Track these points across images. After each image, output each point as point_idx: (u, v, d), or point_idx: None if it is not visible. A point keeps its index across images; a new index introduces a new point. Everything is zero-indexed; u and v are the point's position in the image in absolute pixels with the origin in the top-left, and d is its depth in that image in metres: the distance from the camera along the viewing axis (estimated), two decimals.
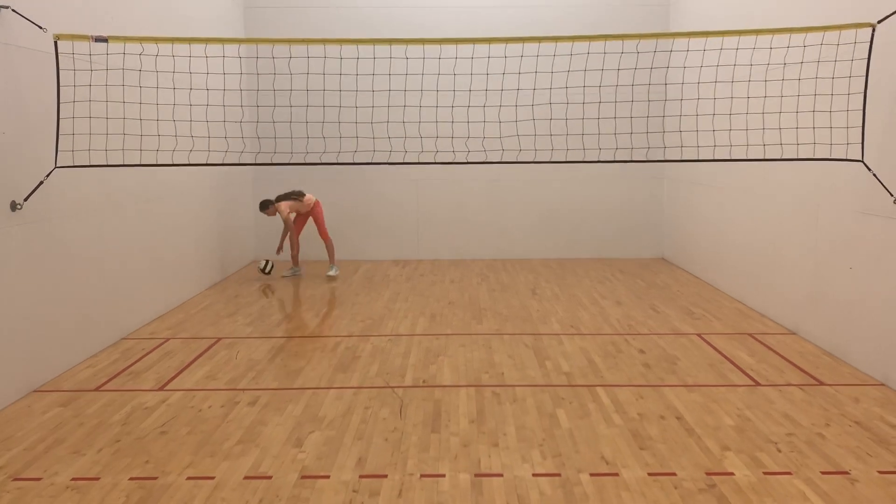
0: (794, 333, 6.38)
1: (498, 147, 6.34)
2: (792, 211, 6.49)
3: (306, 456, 4.05)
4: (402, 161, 5.95)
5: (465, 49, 6.19)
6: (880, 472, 3.80)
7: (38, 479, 3.81)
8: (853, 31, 5.19)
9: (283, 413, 4.67)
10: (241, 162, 6.89)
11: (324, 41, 5.42)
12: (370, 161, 6.11)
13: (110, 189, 6.20)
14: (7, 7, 4.80)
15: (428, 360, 5.77)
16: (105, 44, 5.18)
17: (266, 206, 9.02)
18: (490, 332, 6.57)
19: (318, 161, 5.95)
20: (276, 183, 10.25)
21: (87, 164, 5.38)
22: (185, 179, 7.73)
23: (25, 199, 4.98)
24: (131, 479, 3.81)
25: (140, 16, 6.78)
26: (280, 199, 9.06)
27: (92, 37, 5.07)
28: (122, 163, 5.60)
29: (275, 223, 9.69)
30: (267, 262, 9.22)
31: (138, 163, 5.70)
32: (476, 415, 4.61)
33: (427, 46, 5.61)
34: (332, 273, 9.22)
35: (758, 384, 5.13)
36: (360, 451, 4.10)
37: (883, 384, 5.09)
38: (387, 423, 4.49)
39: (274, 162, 6.00)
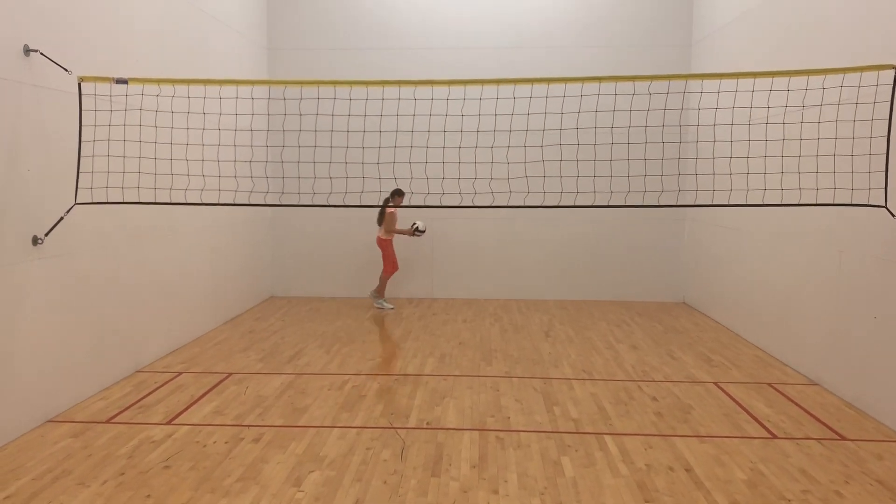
0: (815, 384, 6.20)
1: (507, 189, 6.33)
2: (814, 256, 6.35)
3: (304, 496, 4.01)
4: (407, 205, 5.97)
5: (474, 90, 6.25)
6: None
7: None
8: (875, 73, 5.12)
9: (285, 451, 4.65)
10: (250, 202, 7.01)
11: (334, 83, 5.53)
12: (375, 204, 6.14)
13: (128, 225, 6.33)
14: (36, 51, 4.99)
15: (433, 401, 5.71)
16: (125, 85, 5.33)
17: (397, 195, 9.19)
18: (499, 375, 6.49)
19: (325, 203, 5.99)
20: (294, 220, 10.41)
21: (105, 201, 5.51)
22: (202, 215, 7.86)
23: (46, 234, 5.11)
24: None
25: (162, 58, 6.98)
26: (397, 194, 9.23)
27: (113, 79, 5.23)
28: (138, 200, 5.72)
29: (291, 252, 9.77)
30: (416, 226, 9.52)
31: (153, 201, 5.82)
32: (478, 460, 4.53)
33: (436, 87, 5.68)
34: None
35: (774, 437, 4.97)
36: (358, 493, 4.05)
37: None
38: (387, 465, 4.44)
39: (282, 203, 6.08)
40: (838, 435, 5.00)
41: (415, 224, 9.52)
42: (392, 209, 9.32)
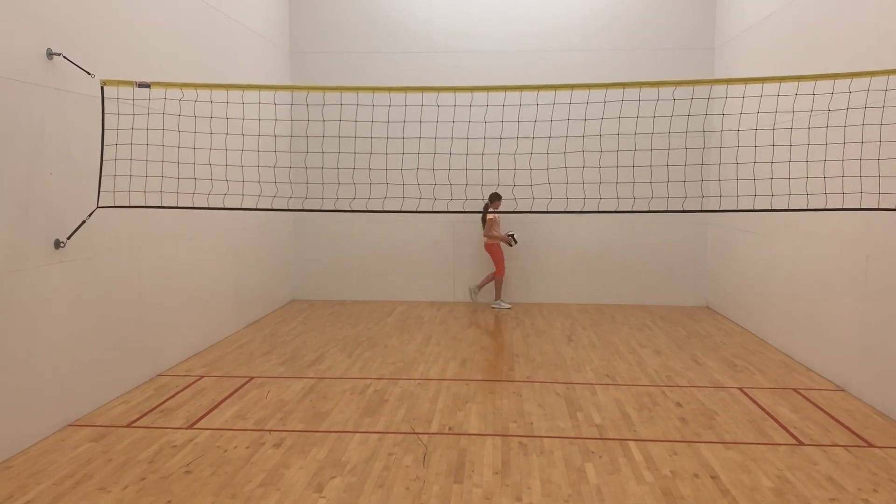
0: (842, 390, 6.09)
1: (530, 195, 6.28)
2: (840, 260, 6.25)
3: (326, 502, 3.99)
4: (430, 209, 5.93)
5: (497, 96, 6.21)
6: None
7: None
8: None
9: (307, 456, 4.64)
10: (273, 207, 7.00)
11: (356, 89, 5.51)
12: (399, 209, 6.13)
13: (150, 228, 6.37)
14: (59, 54, 5.03)
15: (456, 406, 5.68)
16: (148, 89, 5.36)
17: (495, 199, 9.52)
18: (521, 380, 6.44)
19: (348, 208, 5.99)
20: (317, 223, 10.44)
21: (128, 204, 5.54)
22: (224, 219, 7.90)
23: (68, 238, 5.15)
24: None
25: (186, 62, 7.03)
26: (495, 198, 9.56)
27: (136, 83, 5.26)
28: (160, 204, 5.75)
29: (314, 256, 9.78)
30: (512, 235, 9.86)
31: (175, 205, 5.84)
32: (501, 466, 4.49)
33: (459, 94, 5.65)
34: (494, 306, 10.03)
35: (801, 443, 4.88)
36: (380, 500, 4.02)
37: None
38: (409, 472, 4.41)
39: (305, 208, 6.08)
40: (866, 442, 4.90)
41: (511, 233, 9.85)
42: (492, 215, 9.57)
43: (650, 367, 6.89)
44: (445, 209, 6.07)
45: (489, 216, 9.60)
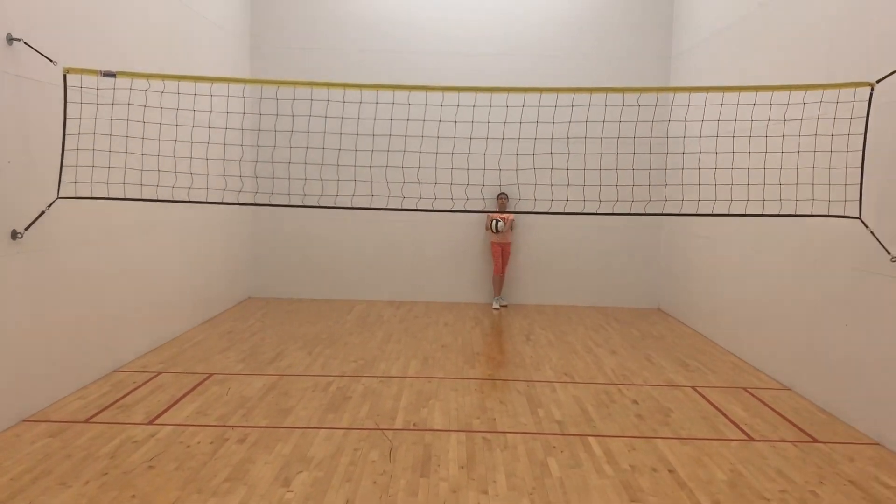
0: (788, 389, 6.36)
1: (496, 195, 6.37)
2: (789, 266, 6.52)
3: (294, 496, 3.99)
4: (399, 207, 5.96)
5: (467, 97, 6.30)
6: None
7: None
8: (852, 89, 5.30)
9: (272, 451, 4.62)
10: (240, 202, 6.92)
11: (327, 84, 5.52)
12: (368, 206, 6.14)
13: (109, 221, 6.24)
14: (20, 40, 4.90)
15: (419, 403, 5.73)
16: (113, 79, 5.26)
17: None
18: (483, 378, 6.54)
19: (316, 204, 5.98)
20: (275, 220, 10.35)
21: (89, 196, 5.42)
22: (184, 214, 7.78)
23: (26, 229, 5.01)
24: None
25: (148, 53, 6.91)
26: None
27: (101, 72, 5.16)
28: (122, 196, 5.64)
29: (270, 253, 9.69)
30: (496, 222, 9.86)
31: (139, 197, 5.74)
32: (466, 460, 4.56)
33: (429, 93, 5.71)
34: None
35: (751, 439, 5.09)
36: (347, 494, 4.05)
37: (878, 443, 5.05)
38: (375, 466, 4.44)
39: (272, 203, 6.04)
40: (811, 438, 5.14)
41: (495, 221, 9.93)
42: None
43: (607, 366, 7.06)
44: (416, 207, 6.12)
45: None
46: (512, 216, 10.06)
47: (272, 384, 6.13)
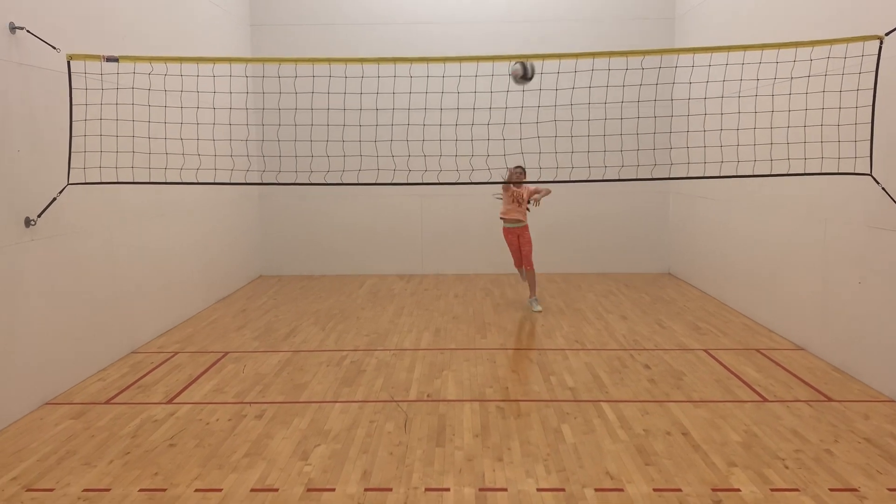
0: (802, 349, 6.36)
1: (503, 165, 6.36)
2: (800, 225, 6.49)
3: (312, 469, 4.07)
4: (405, 181, 5.95)
5: (470, 66, 6.25)
6: (890, 490, 3.77)
7: (51, 490, 3.86)
8: (860, 43, 5.20)
9: (289, 426, 4.70)
10: (247, 181, 6.94)
11: (329, 60, 5.49)
12: (375, 181, 6.13)
13: (121, 205, 6.29)
14: (22, 28, 4.90)
15: (432, 374, 5.79)
16: (116, 63, 5.26)
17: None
18: (494, 347, 6.58)
19: (323, 181, 6.00)
20: (283, 198, 10.38)
21: (98, 181, 5.46)
22: (193, 195, 7.82)
23: (39, 216, 5.07)
24: (141, 490, 3.85)
25: (149, 36, 6.89)
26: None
27: (103, 57, 5.16)
28: (131, 180, 5.67)
29: (281, 231, 9.73)
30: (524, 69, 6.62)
31: (147, 180, 5.77)
32: (480, 429, 4.62)
33: (431, 65, 5.66)
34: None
35: (765, 400, 5.12)
36: (365, 465, 4.12)
37: (893, 401, 5.06)
38: (391, 437, 4.51)
39: (279, 182, 6.05)
40: (825, 397, 5.16)
41: (496, 195, 8.23)
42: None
43: (618, 331, 7.09)
44: (421, 180, 6.11)
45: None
46: (532, 187, 7.93)
47: (287, 360, 6.21)
